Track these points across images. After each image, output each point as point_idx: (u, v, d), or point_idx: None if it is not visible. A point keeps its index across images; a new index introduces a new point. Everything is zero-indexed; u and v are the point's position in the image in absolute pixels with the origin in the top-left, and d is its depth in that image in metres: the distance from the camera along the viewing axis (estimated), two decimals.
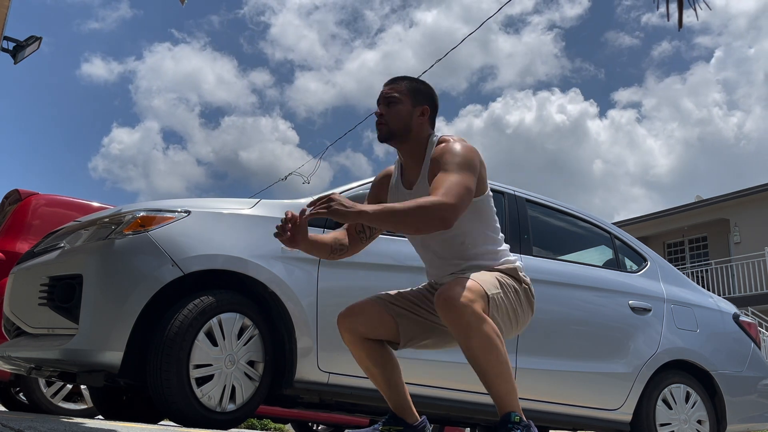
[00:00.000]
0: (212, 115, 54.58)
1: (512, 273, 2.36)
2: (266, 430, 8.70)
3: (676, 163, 42.30)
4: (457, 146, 2.27)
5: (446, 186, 2.13)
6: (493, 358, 2.07)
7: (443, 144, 2.32)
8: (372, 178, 3.51)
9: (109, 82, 53.19)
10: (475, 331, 2.05)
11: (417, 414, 2.47)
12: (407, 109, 2.37)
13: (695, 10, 2.40)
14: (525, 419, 2.13)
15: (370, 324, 2.39)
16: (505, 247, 2.46)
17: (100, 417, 4.12)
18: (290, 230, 2.19)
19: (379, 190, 2.56)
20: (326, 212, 2.00)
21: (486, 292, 2.14)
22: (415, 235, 2.29)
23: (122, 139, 53.01)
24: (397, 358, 2.46)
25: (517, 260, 2.44)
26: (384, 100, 2.40)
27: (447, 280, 2.34)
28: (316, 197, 2.10)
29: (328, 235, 2.43)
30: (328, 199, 2.03)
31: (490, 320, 2.10)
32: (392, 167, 2.56)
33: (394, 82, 2.42)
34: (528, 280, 2.41)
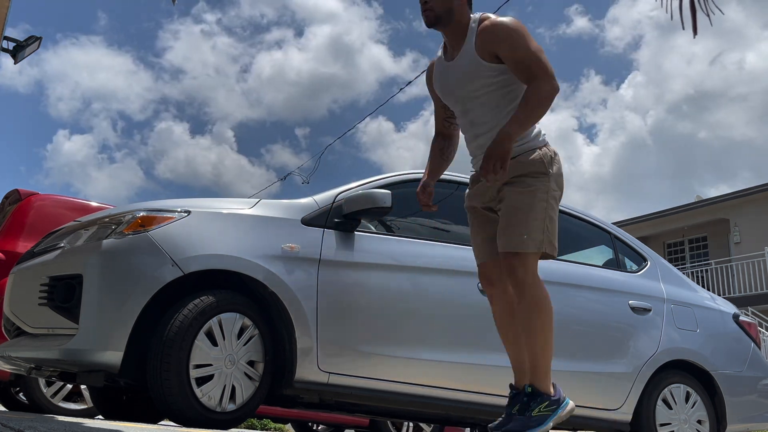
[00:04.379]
0: (135, 126, 54.27)
1: (547, 162, 2.59)
2: (266, 430, 8.70)
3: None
4: (508, 21, 2.54)
5: (530, 64, 2.46)
6: (540, 325, 2.54)
7: (488, 21, 2.58)
8: (366, 180, 3.53)
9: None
10: (526, 300, 2.52)
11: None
12: None
13: (708, 15, 2.40)
14: (545, 392, 2.56)
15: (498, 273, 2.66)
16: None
17: (100, 417, 4.12)
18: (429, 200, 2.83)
19: (431, 80, 2.84)
20: (503, 171, 2.38)
21: (540, 250, 2.53)
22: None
23: (62, 149, 52.75)
24: None
25: (543, 134, 2.67)
26: None
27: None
28: (483, 169, 2.42)
29: (432, 160, 2.93)
30: (493, 161, 2.37)
31: (542, 286, 2.55)
32: (434, 58, 2.85)
33: None
34: (555, 153, 2.65)
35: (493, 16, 2.58)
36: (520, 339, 2.65)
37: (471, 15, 2.65)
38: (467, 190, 2.86)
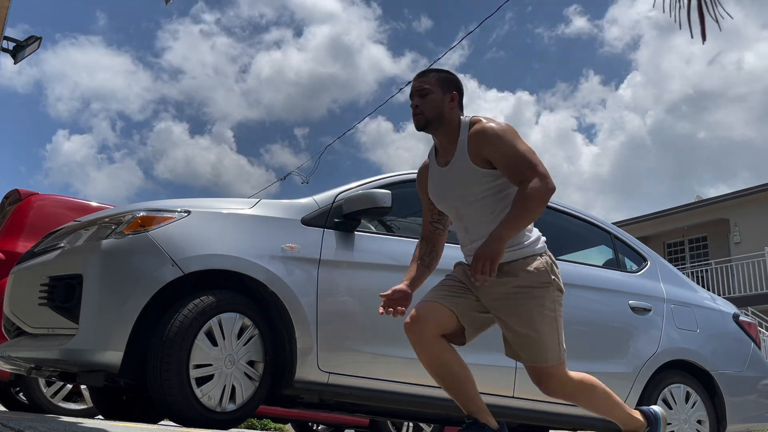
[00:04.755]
0: (135, 126, 54.25)
1: (550, 270, 2.58)
2: (266, 430, 8.70)
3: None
4: (496, 126, 2.49)
5: (521, 166, 2.41)
6: (597, 401, 2.73)
7: (478, 124, 2.52)
8: (366, 180, 3.54)
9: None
10: (574, 396, 2.68)
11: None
12: (439, 98, 2.57)
13: (717, 21, 2.39)
14: (640, 427, 2.79)
15: (436, 323, 2.49)
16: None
17: (100, 417, 4.12)
18: (398, 303, 2.57)
19: (423, 183, 2.75)
20: (491, 273, 2.32)
21: (560, 362, 2.59)
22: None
23: (62, 150, 52.72)
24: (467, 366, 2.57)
25: (542, 240, 2.63)
26: (417, 92, 2.59)
27: None
28: (473, 269, 2.35)
29: (413, 265, 2.73)
30: (483, 262, 2.32)
31: (576, 378, 2.65)
32: (426, 160, 2.76)
33: (423, 75, 2.63)
34: (552, 261, 2.63)
35: (483, 120, 2.53)
36: (461, 374, 2.52)
37: (461, 117, 2.60)
38: (456, 267, 2.71)
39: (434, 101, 2.56)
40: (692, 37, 2.42)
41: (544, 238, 2.64)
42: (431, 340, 2.46)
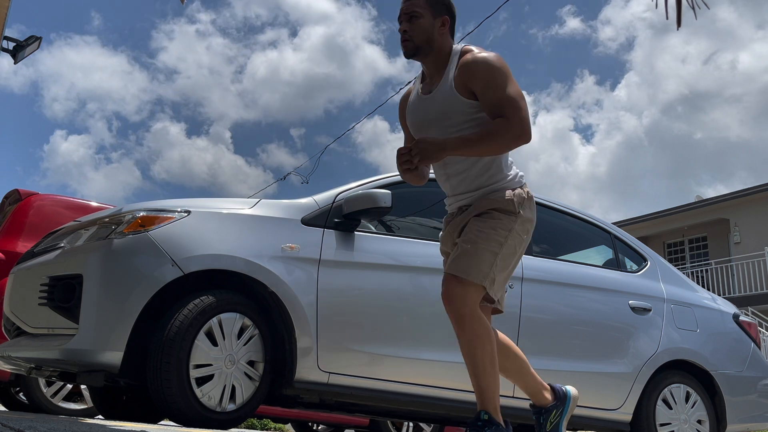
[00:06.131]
0: (131, 127, 54.29)
1: (517, 203, 2.41)
2: (266, 430, 8.71)
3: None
4: (489, 58, 2.34)
5: (507, 105, 2.27)
6: (478, 354, 2.29)
7: (469, 54, 2.39)
8: (366, 180, 3.54)
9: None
10: (471, 340, 2.28)
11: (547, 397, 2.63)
12: (429, 22, 2.42)
13: (693, 9, 2.39)
14: (496, 419, 2.30)
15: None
16: (511, 164, 2.53)
17: (100, 417, 4.12)
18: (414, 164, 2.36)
19: (404, 112, 2.65)
20: (420, 160, 2.29)
21: (482, 283, 2.29)
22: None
23: (59, 150, 52.75)
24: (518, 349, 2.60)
25: (519, 175, 2.51)
26: (405, 16, 2.43)
27: (459, 203, 2.52)
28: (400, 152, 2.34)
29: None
30: (417, 151, 2.27)
31: (485, 322, 2.31)
32: (410, 87, 2.67)
33: None
34: (530, 196, 2.48)
35: (475, 49, 2.39)
36: (521, 366, 2.57)
37: (453, 44, 2.46)
38: (441, 233, 2.65)
39: (424, 26, 2.40)
40: (667, 18, 2.41)
41: (522, 174, 2.53)
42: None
